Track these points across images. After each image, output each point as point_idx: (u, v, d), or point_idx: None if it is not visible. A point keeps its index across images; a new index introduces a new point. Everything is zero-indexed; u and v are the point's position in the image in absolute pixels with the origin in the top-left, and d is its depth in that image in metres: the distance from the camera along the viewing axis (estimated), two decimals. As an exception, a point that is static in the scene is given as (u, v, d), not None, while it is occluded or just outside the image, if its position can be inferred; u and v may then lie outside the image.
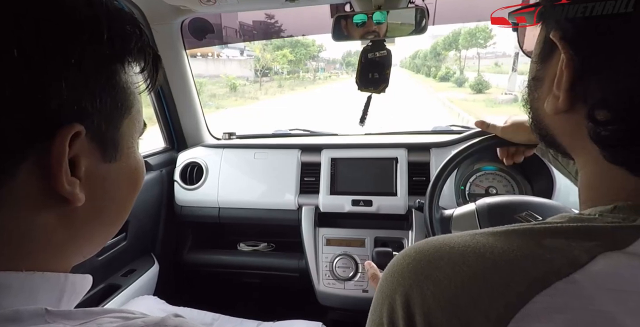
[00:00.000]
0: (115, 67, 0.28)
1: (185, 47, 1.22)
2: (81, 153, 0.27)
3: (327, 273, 1.06)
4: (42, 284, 0.26)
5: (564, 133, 0.32)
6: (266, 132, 1.49)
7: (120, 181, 0.31)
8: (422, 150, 1.09)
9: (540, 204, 0.74)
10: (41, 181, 0.25)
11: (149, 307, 0.90)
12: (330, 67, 59.11)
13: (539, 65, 0.32)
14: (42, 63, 0.24)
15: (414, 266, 0.28)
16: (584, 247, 0.24)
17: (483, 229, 0.28)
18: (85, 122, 0.26)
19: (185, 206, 1.24)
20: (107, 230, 0.33)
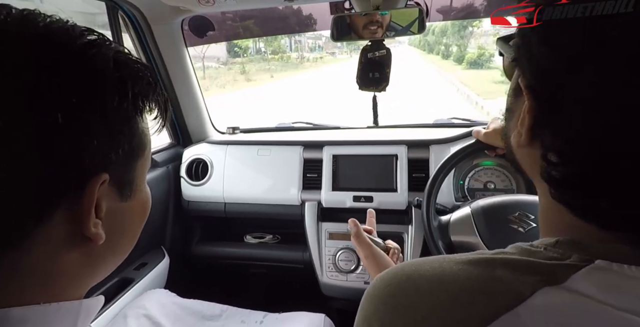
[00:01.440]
0: (136, 118, 0.31)
1: (186, 44, 1.22)
2: (103, 196, 0.29)
3: (330, 266, 1.11)
4: (59, 313, 0.28)
5: (525, 165, 0.34)
6: (269, 126, 1.51)
7: (133, 216, 0.34)
8: (422, 147, 1.11)
9: (533, 202, 0.77)
10: (71, 224, 0.27)
11: (161, 301, 0.96)
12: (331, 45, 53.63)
13: (512, 99, 0.34)
14: (79, 124, 0.26)
15: (389, 292, 0.30)
16: (528, 282, 0.26)
17: (454, 255, 0.31)
18: (109, 169, 0.29)
19: (192, 201, 1.28)
20: (119, 259, 0.35)
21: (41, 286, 0.28)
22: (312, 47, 44.97)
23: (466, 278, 0.27)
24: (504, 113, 0.37)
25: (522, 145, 0.31)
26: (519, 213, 0.74)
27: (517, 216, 0.74)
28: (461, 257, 0.30)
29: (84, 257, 0.30)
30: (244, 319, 0.98)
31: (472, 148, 0.78)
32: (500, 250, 0.30)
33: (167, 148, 1.30)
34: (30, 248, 0.26)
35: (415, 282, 0.29)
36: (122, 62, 0.29)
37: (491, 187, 1.09)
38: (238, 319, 0.98)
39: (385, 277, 0.32)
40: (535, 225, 0.73)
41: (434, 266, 0.30)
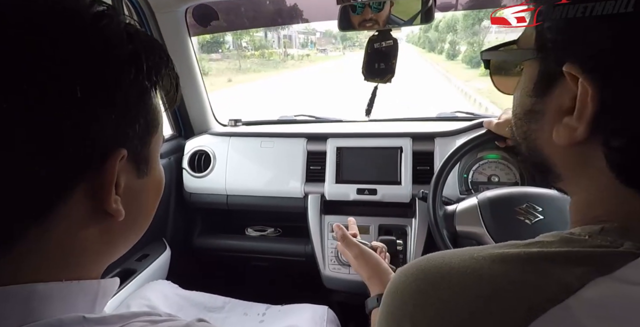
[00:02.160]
0: (150, 93, 0.31)
1: (190, 34, 1.21)
2: (121, 172, 0.29)
3: (332, 259, 1.10)
4: (79, 292, 0.29)
5: (566, 162, 0.32)
6: (272, 118, 1.50)
7: (149, 193, 0.34)
8: (426, 139, 1.10)
9: (540, 194, 0.76)
10: (92, 200, 0.28)
11: (165, 292, 0.95)
12: (324, 41, 48.90)
13: (536, 99, 0.32)
14: (98, 97, 0.26)
15: (417, 285, 0.29)
16: (575, 274, 0.24)
17: (482, 247, 0.29)
18: (127, 145, 0.29)
19: (194, 192, 1.27)
20: (135, 236, 0.36)
21: (64, 262, 0.28)
22: (304, 43, 41.86)
23: (504, 272, 0.26)
24: (517, 118, 0.34)
25: (577, 140, 0.28)
26: (526, 205, 0.74)
27: (524, 207, 0.74)
28: (492, 252, 0.28)
29: (104, 234, 0.30)
30: (247, 311, 0.97)
31: (483, 138, 0.78)
32: (532, 241, 0.28)
33: (169, 139, 1.29)
34: (54, 223, 0.27)
35: (446, 274, 0.28)
36: (134, 34, 0.29)
37: (495, 180, 1.09)
38: (240, 311, 0.97)
39: (411, 271, 0.30)
40: (542, 217, 0.72)
41: (464, 258, 0.28)
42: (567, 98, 0.28)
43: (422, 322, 0.27)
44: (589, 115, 0.27)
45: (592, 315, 0.23)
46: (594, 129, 0.27)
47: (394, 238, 1.00)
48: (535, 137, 0.33)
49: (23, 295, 0.26)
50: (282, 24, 38.04)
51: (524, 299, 0.24)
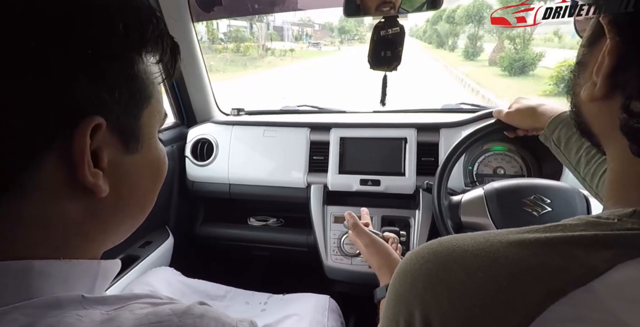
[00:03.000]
0: (131, 57, 0.28)
1: (193, 19, 1.19)
2: (103, 145, 0.27)
3: (334, 249, 1.10)
4: (79, 271, 0.28)
5: (597, 122, 0.31)
6: (274, 108, 1.48)
7: (143, 172, 0.32)
8: (431, 130, 1.09)
9: (548, 186, 0.75)
10: (66, 172, 0.26)
11: (167, 279, 0.95)
12: (322, 34, 45.45)
13: (586, 49, 0.30)
14: (60, 57, 0.24)
15: (428, 268, 0.28)
16: (603, 257, 0.23)
17: (497, 231, 0.28)
18: (106, 114, 0.27)
19: (197, 181, 1.26)
20: (133, 220, 0.34)
21: (51, 239, 0.27)
22: (297, 36, 38.53)
23: (522, 255, 0.25)
24: (572, 69, 0.33)
25: (595, 97, 0.28)
26: (534, 197, 0.73)
27: (532, 199, 0.73)
28: (509, 236, 0.26)
29: (90, 212, 0.29)
30: (248, 300, 0.98)
31: (491, 128, 0.76)
32: (552, 225, 0.27)
33: (171, 127, 1.28)
34: (28, 195, 0.26)
35: (459, 256, 0.27)
36: None
37: (501, 172, 1.08)
38: (242, 300, 0.98)
39: (422, 253, 0.29)
40: (549, 209, 0.71)
41: (478, 240, 0.27)
42: (602, 51, 0.27)
43: (431, 306, 0.26)
44: (606, 70, 0.26)
45: (618, 298, 0.22)
46: (611, 87, 0.26)
47: (397, 229, 0.99)
48: (577, 92, 0.32)
49: (18, 270, 0.25)
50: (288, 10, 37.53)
51: (543, 282, 0.23)
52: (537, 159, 1.05)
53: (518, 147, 1.07)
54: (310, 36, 40.83)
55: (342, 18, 49.92)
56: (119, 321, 0.25)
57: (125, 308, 0.27)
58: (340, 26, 45.37)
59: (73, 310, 0.26)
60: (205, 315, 0.28)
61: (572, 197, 0.72)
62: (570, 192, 0.72)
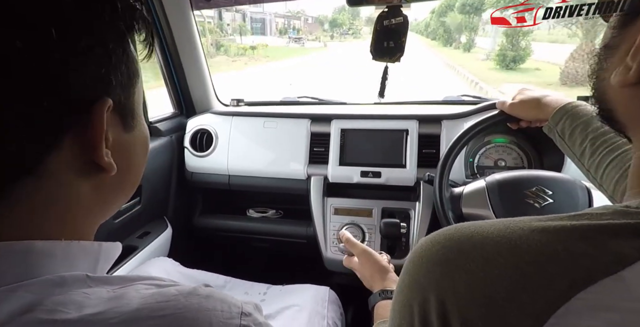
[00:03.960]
0: (128, 37, 0.29)
1: (192, 8, 1.17)
2: (109, 125, 0.28)
3: (334, 241, 1.10)
4: (80, 252, 0.29)
5: (626, 109, 0.30)
6: (274, 100, 1.47)
7: (137, 148, 0.34)
8: (433, 122, 1.08)
9: (551, 178, 0.75)
10: (82, 153, 0.27)
11: (166, 269, 0.95)
12: (312, 27, 41.88)
13: (616, 32, 0.29)
14: (73, 41, 0.25)
15: (445, 254, 0.27)
16: (633, 245, 0.22)
17: (517, 218, 0.27)
18: (111, 95, 0.28)
19: (196, 172, 1.26)
20: (126, 193, 0.35)
21: (60, 219, 0.28)
22: (283, 29, 33.97)
23: (545, 242, 0.24)
24: (597, 53, 0.32)
25: (628, 82, 0.27)
26: (536, 188, 0.72)
27: (533, 191, 0.72)
28: (532, 223, 0.25)
29: (95, 189, 0.30)
30: (248, 291, 0.98)
31: (494, 119, 0.75)
32: (577, 213, 0.26)
33: (170, 117, 1.27)
34: (46, 175, 0.26)
35: (478, 243, 0.26)
36: None
37: (502, 164, 1.07)
38: (241, 290, 0.98)
39: (438, 238, 0.28)
40: (552, 201, 0.71)
41: (498, 227, 0.26)
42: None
43: (448, 291, 0.25)
44: None
45: None
46: None
47: (398, 221, 0.99)
48: (603, 77, 0.31)
49: (20, 250, 0.25)
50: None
51: (570, 269, 0.22)
52: (539, 151, 1.05)
53: (519, 139, 1.07)
54: (299, 30, 37.18)
55: (336, 9, 42.69)
56: (127, 299, 0.26)
57: (130, 287, 0.28)
58: (332, 19, 41.31)
59: (78, 288, 0.26)
60: (211, 296, 0.28)
61: (574, 188, 0.72)
62: (572, 183, 0.72)
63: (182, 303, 0.26)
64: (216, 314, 0.27)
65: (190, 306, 0.26)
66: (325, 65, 14.73)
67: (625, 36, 0.28)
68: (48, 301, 0.24)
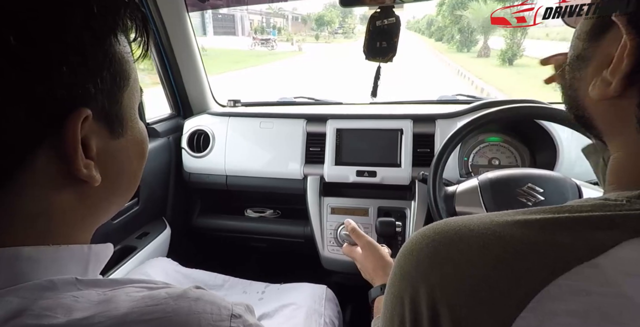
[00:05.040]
0: (109, 40, 0.28)
1: (187, 9, 1.18)
2: (90, 134, 0.27)
3: (331, 240, 1.11)
4: (69, 256, 0.28)
5: (603, 117, 0.30)
6: (271, 100, 1.48)
7: (130, 154, 0.32)
8: (427, 121, 1.09)
9: (542, 176, 0.76)
10: (59, 165, 0.26)
11: (165, 269, 0.96)
12: (299, 27, 39.20)
13: (586, 44, 0.30)
14: (42, 50, 0.23)
15: (434, 247, 0.28)
16: (609, 235, 0.24)
17: (502, 212, 0.28)
18: (91, 103, 0.26)
19: (194, 172, 1.27)
20: (121, 200, 0.34)
21: (45, 229, 0.27)
22: (260, 28, 29.79)
23: (528, 234, 0.25)
24: (567, 62, 0.32)
25: (609, 96, 0.27)
26: (527, 186, 0.73)
27: (525, 189, 0.73)
28: (515, 216, 0.27)
29: (83, 198, 0.29)
30: (246, 289, 0.99)
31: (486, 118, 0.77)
32: (560, 206, 0.27)
33: (167, 118, 1.27)
34: (19, 190, 0.26)
35: (465, 236, 0.27)
36: None
37: (496, 163, 1.08)
38: (240, 289, 0.99)
39: (428, 232, 0.29)
40: (543, 198, 0.72)
41: (484, 221, 0.28)
42: (614, 48, 0.26)
43: (437, 283, 0.26)
44: (623, 71, 0.26)
45: (623, 272, 0.22)
46: (629, 86, 0.26)
47: (393, 220, 1.00)
48: (577, 86, 0.31)
49: (7, 257, 0.25)
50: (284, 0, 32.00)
51: (549, 257, 0.24)
52: (531, 149, 1.06)
53: (513, 138, 1.08)
54: (280, 29, 32.33)
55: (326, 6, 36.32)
56: (116, 302, 0.25)
57: (120, 290, 0.27)
58: (318, 16, 34.72)
59: (68, 292, 0.26)
60: (201, 298, 0.28)
61: (564, 186, 0.73)
62: (562, 181, 0.73)
63: (171, 306, 0.26)
64: (206, 317, 0.27)
65: (180, 310, 0.26)
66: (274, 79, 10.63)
67: (597, 49, 0.29)
68: (36, 306, 0.24)
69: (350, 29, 39.43)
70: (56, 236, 0.28)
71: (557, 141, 0.97)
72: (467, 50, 15.87)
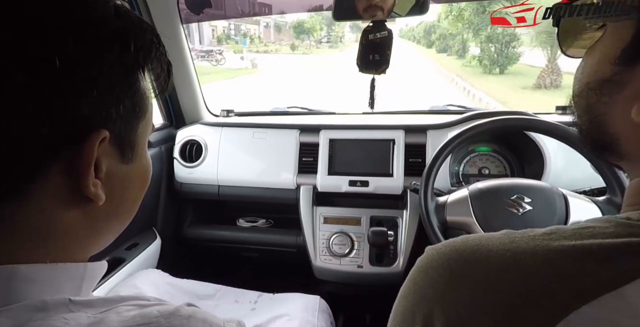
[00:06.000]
0: (138, 75, 0.30)
1: (182, 21, 1.19)
2: (103, 155, 0.28)
3: (324, 250, 1.11)
4: (65, 274, 0.28)
5: (635, 141, 0.29)
6: (264, 110, 1.49)
7: (135, 180, 0.34)
8: (419, 132, 1.11)
9: (529, 186, 0.78)
10: (69, 181, 0.27)
11: (155, 280, 0.95)
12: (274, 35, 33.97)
13: (619, 68, 0.28)
14: (78, 73, 0.25)
15: (450, 265, 0.27)
16: (637, 263, 0.23)
17: (522, 232, 0.28)
18: (110, 127, 0.28)
19: (185, 183, 1.26)
20: (121, 224, 0.35)
21: (46, 245, 0.28)
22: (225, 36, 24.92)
23: (550, 257, 0.25)
24: (592, 86, 0.31)
25: None
26: (516, 196, 0.75)
27: (514, 199, 0.75)
28: (535, 240, 0.26)
29: (86, 218, 0.30)
30: (238, 299, 0.98)
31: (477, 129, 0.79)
32: (583, 227, 0.26)
33: (159, 129, 1.27)
34: (28, 202, 0.26)
35: (484, 256, 0.26)
36: (123, 13, 0.29)
37: (486, 172, 1.10)
38: (232, 298, 0.98)
39: (444, 250, 0.29)
40: (530, 208, 0.74)
41: (503, 241, 0.27)
42: None
43: (452, 303, 0.26)
44: None
45: None
46: None
47: (385, 229, 1.01)
48: (603, 111, 0.30)
49: (4, 275, 0.25)
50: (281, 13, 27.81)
51: (573, 283, 0.23)
52: (520, 159, 1.09)
53: (502, 148, 1.10)
54: (253, 39, 27.77)
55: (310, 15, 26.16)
56: (106, 324, 0.25)
57: (112, 311, 0.27)
58: (296, 24, 28.61)
59: (59, 313, 0.26)
60: (192, 316, 0.28)
61: (552, 196, 0.75)
62: (549, 191, 0.75)
63: (162, 325, 0.26)
64: None
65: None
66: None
67: (632, 74, 0.28)
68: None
69: (338, 38, 34.55)
70: (54, 253, 0.28)
71: (545, 152, 0.99)
72: (499, 72, 10.47)
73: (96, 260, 0.33)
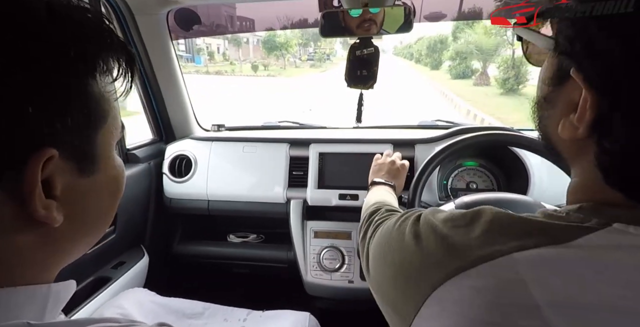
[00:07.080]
0: (85, 81, 0.27)
1: (171, 38, 1.20)
2: (56, 173, 0.26)
3: (314, 265, 1.10)
4: (25, 297, 0.26)
5: (569, 151, 0.34)
6: (255, 124, 1.49)
7: (101, 193, 0.31)
8: (407, 146, 1.12)
9: (513, 200, 0.79)
10: (16, 206, 0.25)
11: (140, 300, 0.92)
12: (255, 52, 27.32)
13: (550, 88, 0.33)
14: (6, 90, 0.22)
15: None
16: (527, 242, 0.29)
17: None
18: (58, 143, 0.25)
19: (175, 198, 1.25)
20: (90, 239, 0.32)
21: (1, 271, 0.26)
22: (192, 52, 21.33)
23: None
24: (536, 102, 0.36)
25: (577, 138, 0.30)
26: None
27: None
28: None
29: (43, 240, 0.27)
30: (227, 317, 0.95)
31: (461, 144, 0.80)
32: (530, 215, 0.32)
33: (149, 144, 1.26)
34: None
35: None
36: (60, 13, 0.25)
37: (473, 187, 1.11)
38: (221, 317, 0.95)
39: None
40: None
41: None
42: (576, 95, 0.30)
43: None
44: (588, 121, 0.29)
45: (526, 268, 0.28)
46: (592, 130, 0.29)
47: None
48: (546, 124, 0.36)
49: None
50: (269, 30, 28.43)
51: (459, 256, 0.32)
52: (506, 174, 1.10)
53: (488, 162, 1.12)
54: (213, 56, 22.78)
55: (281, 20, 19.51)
56: None
57: None
58: (266, 38, 22.40)
59: None
60: None
61: (535, 210, 0.76)
62: (533, 205, 0.76)
63: None
64: None
65: None
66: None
67: (559, 93, 0.32)
68: None
69: (325, 55, 29.49)
70: (12, 278, 0.26)
71: (528, 166, 1.01)
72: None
73: (80, 280, 0.31)
